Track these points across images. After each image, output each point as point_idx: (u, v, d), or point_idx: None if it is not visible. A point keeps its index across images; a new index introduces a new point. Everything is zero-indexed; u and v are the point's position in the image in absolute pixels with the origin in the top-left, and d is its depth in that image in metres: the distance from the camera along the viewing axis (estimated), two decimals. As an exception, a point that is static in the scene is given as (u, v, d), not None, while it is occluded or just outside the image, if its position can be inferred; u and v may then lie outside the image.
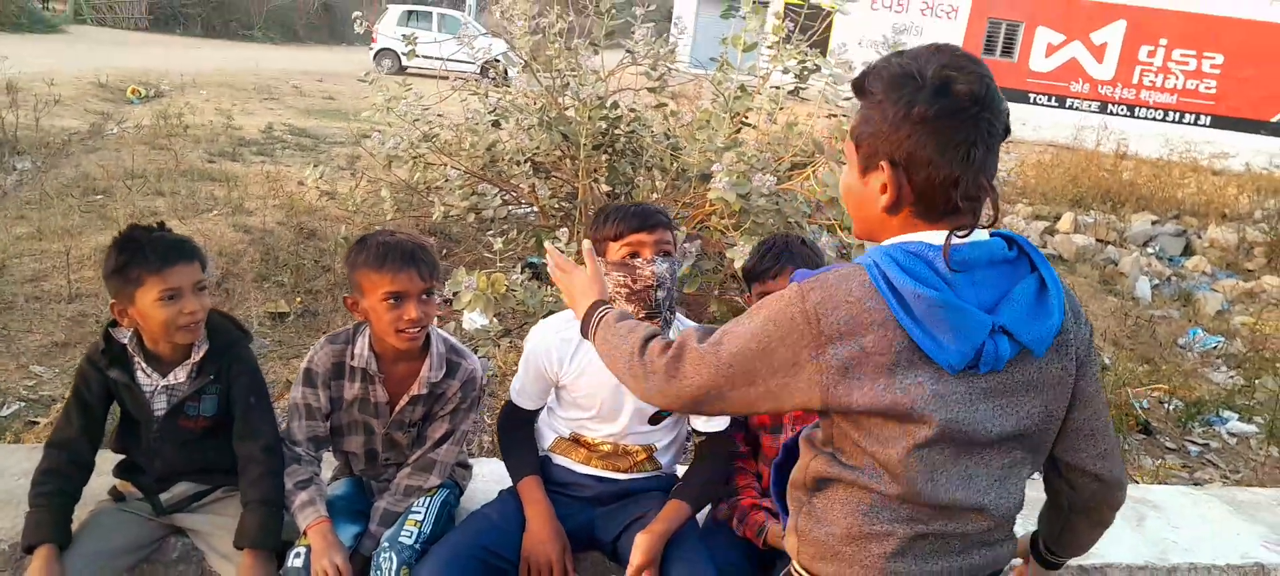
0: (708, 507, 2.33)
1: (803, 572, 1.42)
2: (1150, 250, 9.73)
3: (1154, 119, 17.73)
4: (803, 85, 5.16)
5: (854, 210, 1.41)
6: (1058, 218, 9.99)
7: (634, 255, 2.13)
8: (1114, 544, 2.80)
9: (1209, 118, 17.64)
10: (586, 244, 1.96)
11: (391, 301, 2.07)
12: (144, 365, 2.07)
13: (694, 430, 2.30)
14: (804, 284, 1.30)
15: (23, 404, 4.02)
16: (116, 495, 2.19)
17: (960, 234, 1.29)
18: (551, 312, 3.26)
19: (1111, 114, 17.74)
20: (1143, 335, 6.79)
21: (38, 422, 3.83)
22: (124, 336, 2.09)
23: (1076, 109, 18.12)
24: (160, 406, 2.09)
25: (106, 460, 2.21)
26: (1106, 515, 1.56)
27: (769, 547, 2.15)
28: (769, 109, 4.71)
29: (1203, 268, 9.23)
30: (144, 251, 1.99)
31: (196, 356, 2.08)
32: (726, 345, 1.33)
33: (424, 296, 2.11)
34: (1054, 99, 18.53)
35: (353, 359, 2.18)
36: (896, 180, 1.30)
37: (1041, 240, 9.44)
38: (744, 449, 2.35)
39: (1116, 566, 2.69)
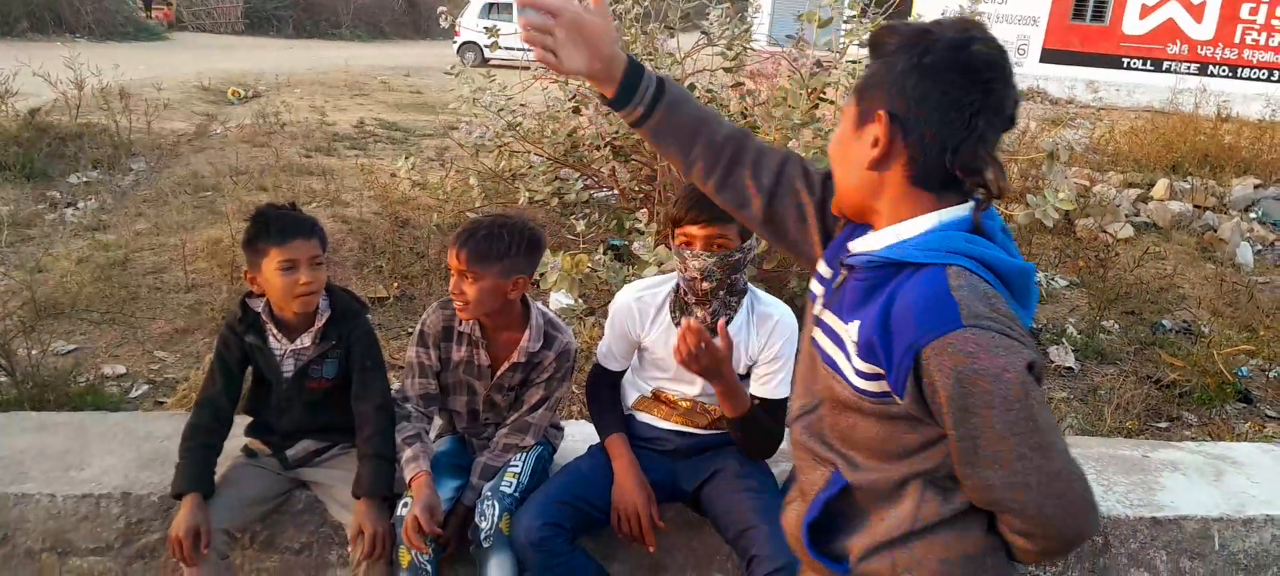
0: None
1: None
2: (1253, 215, 9.33)
3: (1258, 79, 16.86)
4: (880, 59, 5.17)
5: (839, 167, 1.33)
6: (1151, 185, 9.65)
7: (687, 246, 2.22)
8: (1189, 496, 2.82)
9: (1319, 75, 16.71)
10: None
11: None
12: (275, 331, 2.32)
13: (753, 395, 2.37)
14: (1005, 358, 1.15)
15: (150, 386, 4.36)
16: (248, 452, 2.44)
17: (982, 207, 1.24)
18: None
19: (1211, 75, 16.92)
20: (1243, 302, 6.56)
21: (164, 403, 4.15)
22: (258, 304, 2.34)
23: (1173, 71, 17.34)
24: (289, 368, 2.33)
25: (239, 422, 2.46)
26: None
27: None
28: (847, 84, 4.74)
29: (1310, 232, 8.82)
30: (269, 225, 2.24)
31: (320, 323, 2.32)
32: (1057, 460, 1.20)
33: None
34: (1149, 62, 17.78)
35: (461, 324, 2.37)
36: (890, 133, 1.23)
37: (1134, 208, 9.15)
38: None
39: (1192, 518, 2.71)
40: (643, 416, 2.49)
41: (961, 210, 1.25)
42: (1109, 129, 11.39)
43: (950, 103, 1.19)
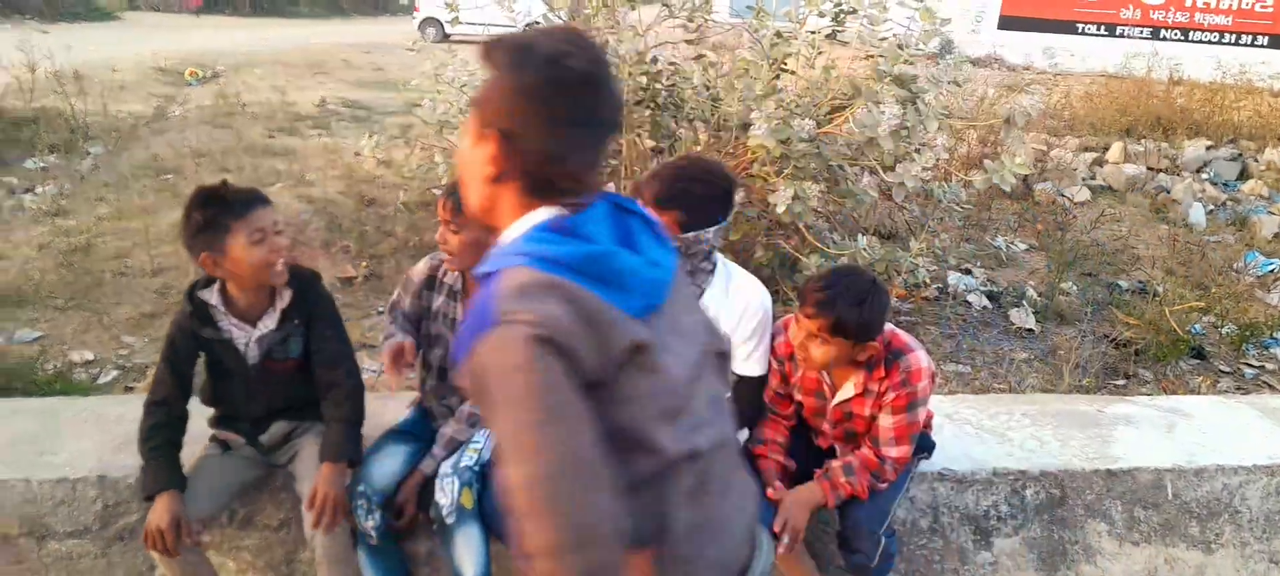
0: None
1: None
2: (1204, 176, 9.56)
3: (1209, 42, 17.14)
4: (840, 28, 5.22)
5: (466, 179, 1.35)
6: (1107, 148, 9.85)
7: None
8: (1142, 448, 2.93)
9: (1266, 38, 17.01)
10: None
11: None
12: (234, 320, 2.27)
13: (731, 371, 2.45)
14: (508, 354, 1.15)
15: (119, 371, 4.34)
16: (221, 445, 2.41)
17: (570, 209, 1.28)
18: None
19: (1163, 39, 17.18)
20: (1195, 261, 6.75)
21: (134, 388, 4.14)
22: (211, 296, 2.27)
23: (1126, 36, 17.59)
24: (253, 355, 2.29)
25: (201, 411, 2.42)
26: None
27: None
28: (807, 55, 4.79)
29: (1259, 191, 9.05)
30: (226, 202, 2.15)
31: (283, 303, 2.27)
32: (548, 461, 1.14)
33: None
34: (1103, 27, 18.02)
35: (445, 274, 2.43)
36: (502, 151, 1.26)
37: (1090, 172, 9.34)
38: (786, 410, 2.50)
39: (1145, 469, 2.82)
40: None
41: (546, 211, 1.29)
42: (1065, 94, 11.56)
43: (549, 118, 1.25)
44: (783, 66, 4.80)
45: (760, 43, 4.60)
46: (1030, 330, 5.27)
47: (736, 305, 2.34)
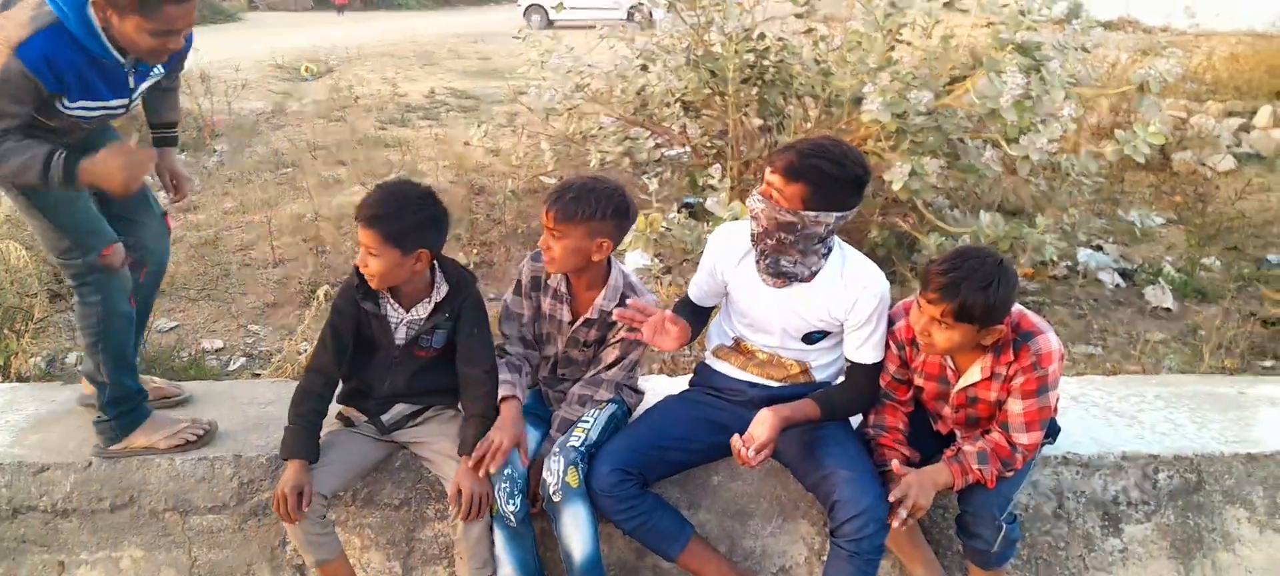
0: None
1: None
2: (1364, 141, 8.78)
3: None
4: (958, -5, 5.00)
5: None
6: (1254, 113, 9.15)
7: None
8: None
9: None
10: None
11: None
12: (392, 300, 2.38)
13: (846, 358, 2.38)
14: None
15: (246, 358, 4.53)
16: (345, 421, 2.52)
17: None
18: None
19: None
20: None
21: (260, 374, 4.31)
22: None
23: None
24: (402, 337, 2.40)
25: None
26: None
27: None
28: (924, 23, 4.60)
29: None
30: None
31: (438, 296, 2.39)
32: None
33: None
34: (1249, -19, 16.76)
35: (549, 277, 2.47)
36: None
37: (1235, 139, 8.70)
38: (904, 395, 2.40)
39: None
40: (719, 365, 2.51)
41: None
42: (1208, 56, 10.81)
43: None
44: (897, 37, 4.63)
45: (873, 13, 4.44)
46: (1167, 309, 4.95)
47: (851, 290, 2.29)
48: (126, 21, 2.03)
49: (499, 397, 2.37)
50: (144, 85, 2.35)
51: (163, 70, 2.38)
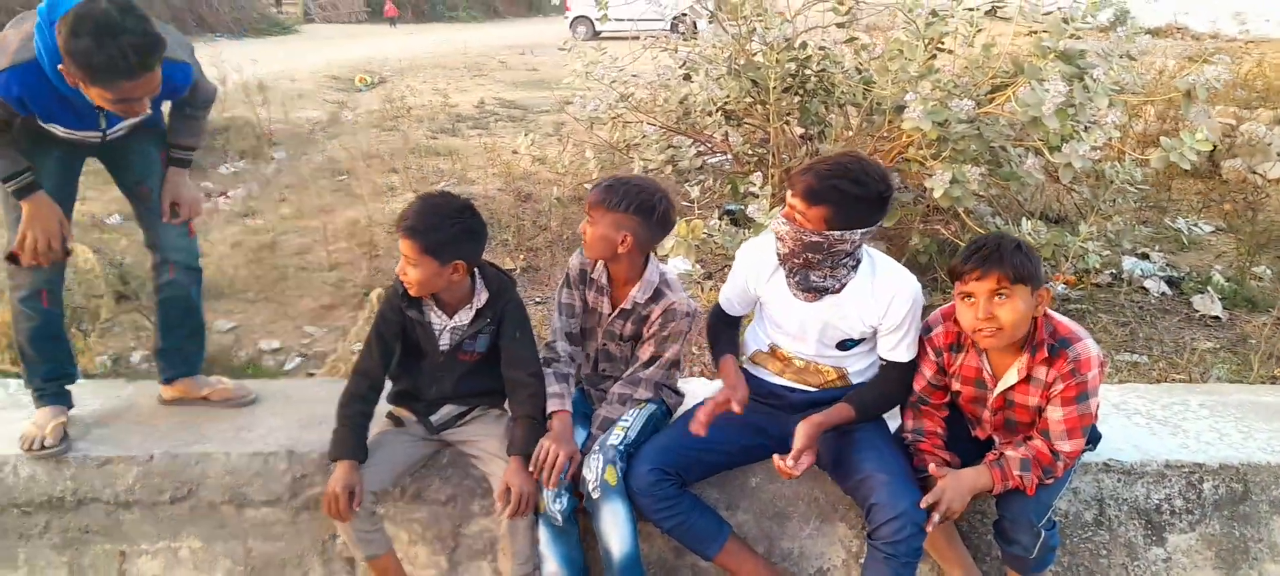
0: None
1: None
2: None
3: None
4: (1000, 3, 5.00)
5: None
6: (1311, 121, 8.93)
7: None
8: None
9: None
10: None
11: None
12: (435, 307, 2.48)
13: (880, 356, 2.42)
14: None
15: (302, 359, 4.70)
16: (394, 420, 2.62)
17: None
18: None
19: (1380, -4, 15.37)
20: None
21: (314, 374, 4.47)
22: None
23: (1337, -6, 15.84)
24: (445, 343, 2.50)
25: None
26: None
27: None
28: (965, 32, 4.61)
29: None
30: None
31: (479, 303, 2.48)
32: None
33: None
34: (1308, -15, 16.32)
35: (592, 269, 2.56)
36: None
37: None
38: (941, 400, 2.43)
39: None
40: (757, 370, 2.55)
41: None
42: (1258, 62, 10.55)
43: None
44: (939, 46, 4.65)
45: (915, 22, 4.46)
46: (1216, 317, 4.88)
47: (882, 296, 2.32)
48: (90, 89, 2.20)
49: (550, 411, 2.43)
50: (121, 123, 2.51)
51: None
